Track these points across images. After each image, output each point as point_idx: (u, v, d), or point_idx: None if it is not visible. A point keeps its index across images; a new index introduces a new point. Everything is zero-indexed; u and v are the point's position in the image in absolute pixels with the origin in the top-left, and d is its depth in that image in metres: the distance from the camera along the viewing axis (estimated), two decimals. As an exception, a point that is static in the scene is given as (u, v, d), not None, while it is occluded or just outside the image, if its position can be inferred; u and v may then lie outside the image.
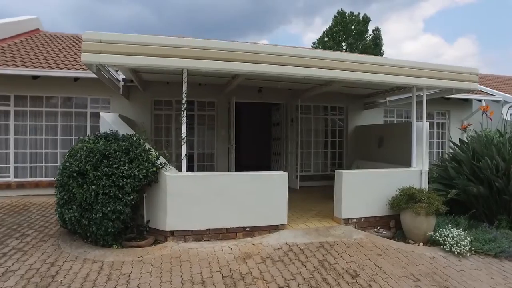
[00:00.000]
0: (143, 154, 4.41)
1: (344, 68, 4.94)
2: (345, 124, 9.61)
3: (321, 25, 59.25)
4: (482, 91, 10.31)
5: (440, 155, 10.12)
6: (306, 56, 4.81)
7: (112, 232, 4.15)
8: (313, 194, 7.91)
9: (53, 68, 6.85)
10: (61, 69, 6.88)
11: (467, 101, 10.23)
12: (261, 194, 4.80)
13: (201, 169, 8.53)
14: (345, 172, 5.28)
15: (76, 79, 7.19)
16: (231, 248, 4.42)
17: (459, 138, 6.38)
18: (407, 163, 5.92)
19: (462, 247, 4.30)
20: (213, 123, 8.57)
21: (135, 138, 4.69)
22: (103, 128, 5.10)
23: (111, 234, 4.18)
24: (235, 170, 7.80)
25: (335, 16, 29.33)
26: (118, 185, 4.10)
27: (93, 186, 4.04)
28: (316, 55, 4.92)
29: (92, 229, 4.11)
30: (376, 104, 9.13)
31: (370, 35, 29.31)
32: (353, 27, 28.49)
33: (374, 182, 5.37)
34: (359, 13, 29.01)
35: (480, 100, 9.73)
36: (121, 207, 4.09)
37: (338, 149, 9.64)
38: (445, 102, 9.87)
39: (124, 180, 4.13)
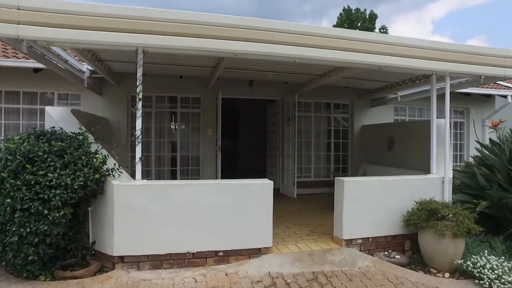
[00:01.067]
0: (82, 157, 3.41)
1: (346, 48, 3.88)
2: (350, 124, 8.50)
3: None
4: (506, 86, 9.09)
5: (461, 159, 8.93)
6: (305, 33, 3.75)
7: (35, 260, 3.14)
8: (312, 203, 6.82)
9: (8, 57, 5.93)
10: (19, 58, 5.95)
11: (490, 97, 9.03)
12: (238, 208, 3.75)
13: (185, 174, 7.51)
14: (347, 180, 4.19)
15: (36, 70, 6.25)
16: (195, 280, 3.37)
17: (490, 139, 5.23)
18: (423, 168, 4.82)
19: (508, 284, 3.16)
20: (198, 122, 7.55)
21: (80, 138, 3.70)
22: (48, 125, 4.11)
23: (35, 263, 3.17)
24: (230, 176, 6.79)
25: (340, 14, 28.18)
26: (43, 198, 3.10)
27: (9, 200, 3.04)
28: (312, 31, 3.83)
29: (8, 256, 3.11)
30: (385, 100, 8.01)
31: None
32: (359, 24, 27.28)
33: (384, 193, 4.27)
34: (365, 10, 27.84)
35: (505, 96, 8.53)
36: (46, 227, 3.08)
37: (343, 152, 8.53)
38: (464, 99, 8.69)
39: (52, 191, 3.12)
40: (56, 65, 4.65)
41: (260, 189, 3.84)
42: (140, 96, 3.74)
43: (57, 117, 4.22)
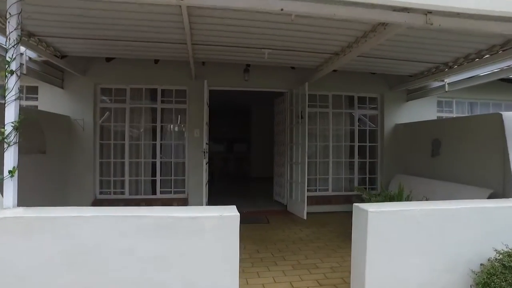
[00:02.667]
0: None
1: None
2: (380, 122, 6.66)
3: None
4: None
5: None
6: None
7: None
8: (327, 227, 5.08)
9: None
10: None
11: None
12: (178, 261, 2.15)
13: (167, 186, 6.02)
14: (373, 211, 2.44)
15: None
16: None
17: None
18: (486, 183, 3.00)
19: None
20: (184, 120, 6.06)
21: None
22: None
23: None
24: (238, 188, 5.26)
25: None
26: None
27: None
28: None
29: None
30: (426, 91, 6.13)
31: None
32: None
33: (439, 232, 2.49)
34: None
35: None
36: None
37: (370, 159, 6.69)
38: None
39: None
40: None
41: (218, 227, 2.22)
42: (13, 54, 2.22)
43: None
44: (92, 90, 5.67)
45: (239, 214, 2.26)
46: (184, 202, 5.75)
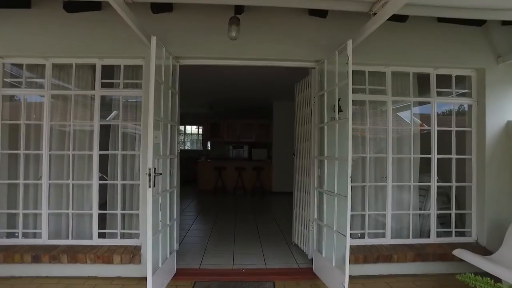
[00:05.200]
0: None
1: None
2: (477, 118, 3.85)
3: None
4: None
5: None
6: None
7: None
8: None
9: None
10: None
11: None
12: None
13: (111, 224, 3.64)
14: None
15: None
16: None
17: None
18: None
19: None
20: (136, 113, 3.69)
21: None
22: None
23: None
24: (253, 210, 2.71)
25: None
26: None
27: None
28: None
29: None
30: None
31: None
32: None
33: None
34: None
35: None
36: None
37: (458, 181, 3.87)
38: None
39: None
40: None
41: None
42: None
43: None
44: (-12, 67, 3.47)
45: None
46: (133, 255, 3.34)
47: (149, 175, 2.67)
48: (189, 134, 14.22)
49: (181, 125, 13.95)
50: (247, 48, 3.48)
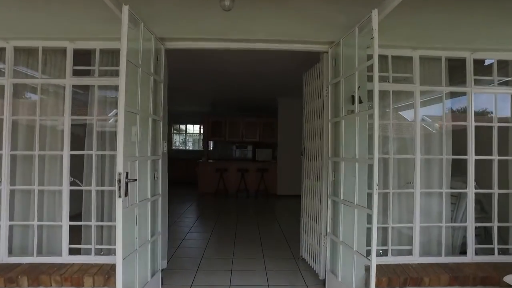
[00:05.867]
0: None
1: None
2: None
3: None
4: None
5: None
6: None
7: None
8: None
9: None
10: None
11: None
12: None
13: (85, 238, 3.07)
14: None
15: None
16: None
17: None
18: None
19: None
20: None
21: None
22: None
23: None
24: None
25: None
26: None
27: None
28: None
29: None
30: None
31: None
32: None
33: None
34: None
35: None
36: None
37: (501, 187, 3.22)
38: None
39: None
40: None
41: None
42: None
43: None
44: None
45: None
46: (108, 276, 2.76)
47: (119, 181, 2.08)
48: (191, 133, 13.67)
49: (182, 124, 13.54)
50: (246, 29, 2.90)
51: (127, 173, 2.17)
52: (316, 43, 3.05)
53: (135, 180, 2.34)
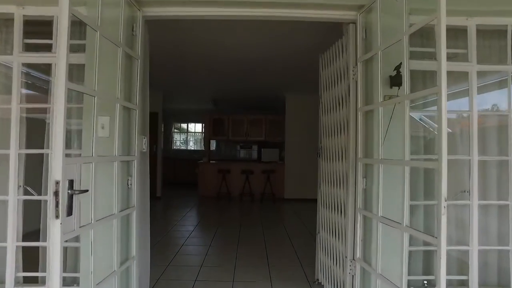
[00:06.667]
0: None
1: None
2: None
3: None
4: None
5: None
6: None
7: None
8: None
9: None
10: None
11: None
12: None
13: (34, 263, 2.38)
14: None
15: None
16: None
17: None
18: None
19: None
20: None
21: None
22: None
23: None
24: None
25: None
26: None
27: None
28: None
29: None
30: None
31: None
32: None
33: None
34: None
35: None
36: None
37: None
38: None
39: None
40: None
41: None
42: None
43: None
44: None
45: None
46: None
47: (56, 194, 1.37)
48: (193, 132, 13.00)
49: (183, 122, 12.87)
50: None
51: (71, 181, 1.46)
52: (340, 8, 2.31)
53: (86, 191, 1.62)
